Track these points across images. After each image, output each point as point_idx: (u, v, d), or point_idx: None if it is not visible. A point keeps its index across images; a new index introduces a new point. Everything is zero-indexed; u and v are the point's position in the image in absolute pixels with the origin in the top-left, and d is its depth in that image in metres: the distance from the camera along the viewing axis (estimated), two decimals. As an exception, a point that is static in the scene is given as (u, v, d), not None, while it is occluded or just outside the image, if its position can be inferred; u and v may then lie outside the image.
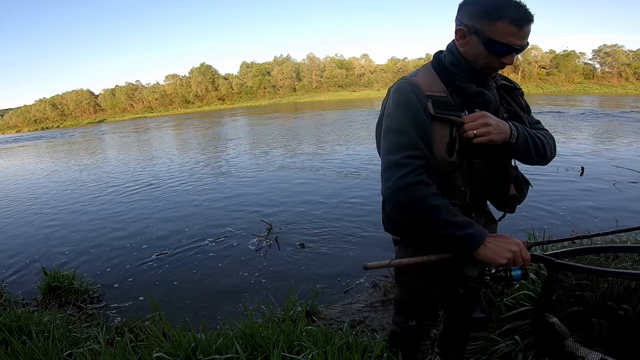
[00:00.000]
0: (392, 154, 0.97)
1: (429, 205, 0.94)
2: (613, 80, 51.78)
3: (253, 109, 48.28)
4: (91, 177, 9.48)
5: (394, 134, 0.99)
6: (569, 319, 1.02)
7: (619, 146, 8.64)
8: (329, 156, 9.36)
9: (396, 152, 0.97)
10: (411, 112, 0.98)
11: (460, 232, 0.94)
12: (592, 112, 17.44)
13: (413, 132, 0.96)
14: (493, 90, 1.07)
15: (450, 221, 0.94)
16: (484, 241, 0.95)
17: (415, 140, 0.96)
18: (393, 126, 1.00)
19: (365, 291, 2.95)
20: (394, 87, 1.05)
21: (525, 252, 0.97)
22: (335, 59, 68.97)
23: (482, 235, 0.95)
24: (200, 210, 5.63)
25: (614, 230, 1.19)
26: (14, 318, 2.15)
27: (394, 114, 1.00)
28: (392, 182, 0.96)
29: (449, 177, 1.04)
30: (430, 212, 0.94)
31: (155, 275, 3.59)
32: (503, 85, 1.11)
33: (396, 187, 0.95)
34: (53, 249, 4.52)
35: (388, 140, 1.00)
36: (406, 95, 0.99)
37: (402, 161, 0.95)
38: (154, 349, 1.69)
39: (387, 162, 0.98)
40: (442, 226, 0.94)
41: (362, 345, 1.74)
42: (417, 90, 0.99)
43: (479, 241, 0.95)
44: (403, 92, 1.00)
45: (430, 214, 0.94)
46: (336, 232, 4.36)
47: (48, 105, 72.22)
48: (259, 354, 1.62)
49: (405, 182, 0.94)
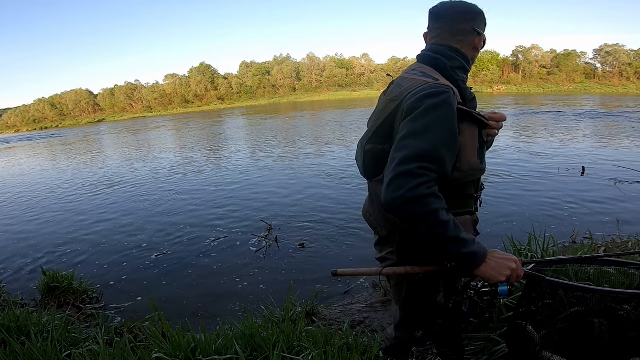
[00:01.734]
0: (408, 162, 0.89)
1: (440, 220, 0.89)
2: (614, 80, 51.68)
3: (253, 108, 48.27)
4: (90, 177, 9.47)
5: (417, 141, 0.91)
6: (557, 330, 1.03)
7: (620, 146, 8.63)
8: (329, 156, 9.36)
9: (414, 161, 0.89)
10: (447, 127, 0.92)
11: (466, 249, 0.93)
12: (593, 111, 17.43)
13: (444, 148, 0.91)
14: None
15: (457, 238, 0.91)
16: (486, 259, 0.95)
17: (441, 156, 0.91)
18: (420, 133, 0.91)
19: (366, 291, 2.94)
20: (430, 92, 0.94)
21: (521, 269, 0.98)
22: (335, 58, 68.89)
23: (485, 253, 0.95)
24: (199, 210, 5.62)
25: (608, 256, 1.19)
26: (12, 318, 2.14)
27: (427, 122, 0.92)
28: (403, 191, 0.88)
29: (467, 186, 1.05)
30: (440, 227, 0.90)
31: (155, 276, 3.58)
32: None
33: (407, 197, 0.87)
34: (52, 249, 4.51)
35: (409, 146, 0.91)
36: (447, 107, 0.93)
37: (417, 171, 0.88)
38: (153, 350, 1.68)
39: (399, 170, 0.90)
40: (450, 243, 0.91)
41: (362, 346, 1.73)
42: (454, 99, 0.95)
43: (482, 259, 0.95)
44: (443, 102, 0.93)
45: (439, 229, 0.90)
46: (336, 233, 4.35)
47: (47, 105, 72.12)
48: (259, 354, 1.61)
49: (417, 193, 0.87)
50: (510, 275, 0.95)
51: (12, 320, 2.13)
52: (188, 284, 3.39)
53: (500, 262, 0.95)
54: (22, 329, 2.06)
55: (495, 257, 0.96)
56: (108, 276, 3.62)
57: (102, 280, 3.51)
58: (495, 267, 0.95)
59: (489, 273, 0.94)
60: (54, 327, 2.05)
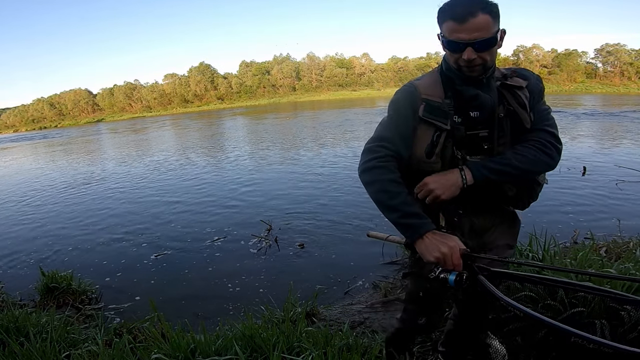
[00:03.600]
0: (370, 142, 1.13)
1: (384, 189, 1.05)
2: (615, 80, 51.64)
3: (252, 108, 48.30)
4: (89, 176, 9.46)
5: (379, 127, 1.16)
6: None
7: (621, 146, 8.63)
8: (329, 156, 9.35)
9: (373, 141, 1.12)
10: (397, 113, 1.12)
11: (403, 220, 1.02)
12: (594, 111, 17.43)
13: (394, 129, 1.10)
14: (492, 90, 1.10)
15: (396, 208, 1.03)
16: (423, 235, 1.00)
17: (392, 136, 1.09)
18: (382, 121, 1.17)
19: (366, 292, 2.94)
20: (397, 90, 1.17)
21: (457, 257, 0.97)
22: (336, 58, 68.85)
23: (422, 228, 1.01)
24: (199, 210, 5.61)
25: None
26: (11, 319, 2.13)
27: (387, 111, 1.16)
28: (361, 163, 1.11)
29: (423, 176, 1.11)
30: (383, 194, 1.05)
31: (154, 276, 3.58)
32: (504, 84, 1.11)
33: (362, 168, 1.10)
34: (51, 250, 4.50)
35: (376, 131, 1.16)
36: (400, 97, 1.13)
37: (374, 148, 1.09)
38: (152, 350, 1.68)
39: (364, 147, 1.13)
40: (390, 210, 1.04)
41: (363, 346, 1.73)
42: (414, 92, 1.10)
43: (417, 233, 1.01)
44: (400, 93, 1.13)
45: (382, 196, 1.05)
46: (336, 233, 4.34)
47: (46, 104, 72.08)
48: (259, 355, 1.61)
49: (370, 165, 1.08)
50: (441, 259, 0.97)
51: (11, 320, 2.12)
52: (187, 284, 3.38)
53: (434, 242, 0.99)
54: (21, 330, 2.05)
55: (432, 237, 1.00)
56: (107, 276, 3.61)
57: (102, 280, 3.50)
58: (428, 245, 1.00)
59: (422, 249, 1.01)
60: (52, 327, 2.03)
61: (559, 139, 1.13)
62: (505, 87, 1.11)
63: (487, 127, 1.10)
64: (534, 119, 1.11)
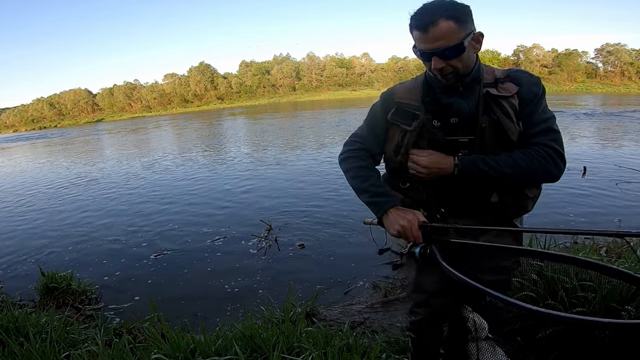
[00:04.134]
0: (349, 137, 1.29)
1: (356, 174, 1.19)
2: (615, 80, 51.64)
3: (252, 108, 48.29)
4: (89, 176, 9.45)
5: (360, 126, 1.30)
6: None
7: (622, 146, 8.63)
8: (329, 156, 9.34)
9: (351, 136, 1.29)
10: (372, 114, 1.25)
11: (372, 199, 1.14)
12: (594, 111, 17.43)
13: (368, 129, 1.24)
14: (474, 96, 1.07)
15: (366, 189, 1.15)
16: (387, 211, 1.09)
17: (367, 134, 1.24)
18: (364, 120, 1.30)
19: (366, 292, 2.93)
20: None
21: (416, 229, 1.03)
22: (336, 57, 68.85)
23: (386, 204, 1.11)
24: (199, 211, 5.61)
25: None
26: (11, 319, 2.13)
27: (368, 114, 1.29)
28: (339, 154, 1.28)
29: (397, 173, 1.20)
30: (356, 179, 1.19)
31: (154, 276, 3.57)
32: (488, 93, 1.06)
33: (340, 158, 1.27)
34: (50, 250, 4.50)
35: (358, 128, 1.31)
36: (378, 101, 1.24)
37: (349, 142, 1.28)
38: (152, 351, 1.68)
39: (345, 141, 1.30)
40: (361, 192, 1.17)
41: (363, 346, 1.72)
42: (389, 97, 1.20)
43: (382, 209, 1.11)
44: (380, 97, 1.24)
45: (355, 181, 1.19)
46: (336, 233, 4.34)
47: (45, 104, 72.08)
48: (259, 355, 1.61)
49: (345, 155, 1.25)
50: (401, 232, 1.05)
51: (11, 321, 2.11)
52: (187, 284, 3.38)
53: (395, 217, 1.07)
54: (21, 330, 2.04)
55: (395, 212, 1.09)
56: (107, 276, 3.60)
57: (101, 280, 3.49)
58: (391, 220, 1.08)
59: (387, 225, 1.11)
60: (52, 327, 2.03)
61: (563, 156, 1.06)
62: (490, 97, 1.06)
63: (471, 133, 1.08)
64: (524, 128, 1.06)
